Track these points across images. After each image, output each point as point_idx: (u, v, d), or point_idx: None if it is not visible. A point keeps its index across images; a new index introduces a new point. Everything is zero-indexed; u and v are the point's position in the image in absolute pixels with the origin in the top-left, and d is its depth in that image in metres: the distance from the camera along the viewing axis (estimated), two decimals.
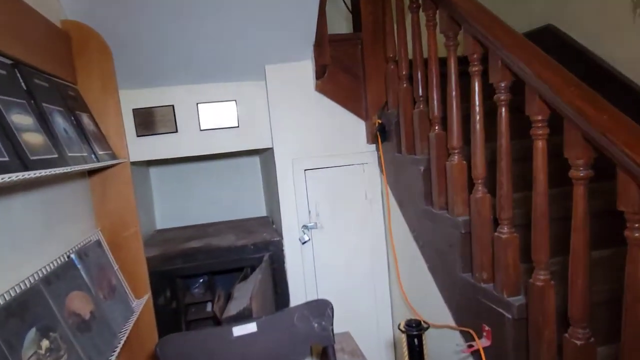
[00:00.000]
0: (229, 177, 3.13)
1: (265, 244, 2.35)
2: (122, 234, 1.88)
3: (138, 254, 1.91)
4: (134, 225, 1.89)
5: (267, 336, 1.64)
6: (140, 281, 1.93)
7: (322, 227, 2.40)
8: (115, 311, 1.61)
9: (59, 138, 1.32)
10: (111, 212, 1.86)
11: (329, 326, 1.67)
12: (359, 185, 2.42)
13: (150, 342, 1.97)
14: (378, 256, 2.46)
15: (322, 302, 1.68)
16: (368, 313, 2.49)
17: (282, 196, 2.36)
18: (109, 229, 1.86)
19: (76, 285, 1.39)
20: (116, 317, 1.59)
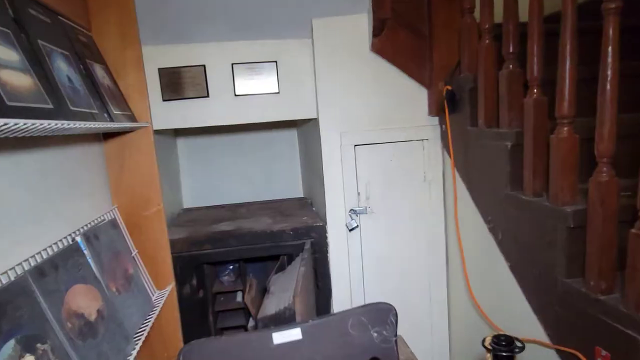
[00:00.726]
0: (263, 152, 2.81)
1: (307, 230, 2.03)
2: (142, 212, 1.58)
3: (161, 237, 1.61)
4: (156, 203, 1.59)
5: (314, 346, 1.33)
6: (163, 269, 1.64)
7: (373, 212, 2.06)
8: (132, 307, 1.32)
9: (58, 86, 1.01)
10: (130, 187, 1.57)
11: (392, 337, 1.34)
12: (417, 164, 2.06)
13: (173, 341, 1.69)
14: (435, 248, 2.11)
15: (383, 307, 1.36)
16: (421, 315, 2.15)
17: (328, 175, 2.02)
18: (127, 206, 1.57)
19: (80, 277, 1.09)
20: (132, 315, 1.30)
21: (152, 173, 1.57)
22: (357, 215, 2.04)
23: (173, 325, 1.67)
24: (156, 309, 1.46)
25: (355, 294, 2.09)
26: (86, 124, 1.02)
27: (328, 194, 2.04)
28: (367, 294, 2.10)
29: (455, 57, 1.88)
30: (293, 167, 2.87)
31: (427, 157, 2.05)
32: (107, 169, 1.54)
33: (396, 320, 1.36)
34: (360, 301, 2.10)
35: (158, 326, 1.65)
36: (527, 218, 1.44)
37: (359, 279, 2.08)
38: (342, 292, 2.09)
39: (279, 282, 1.81)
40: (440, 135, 2.04)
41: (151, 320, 1.36)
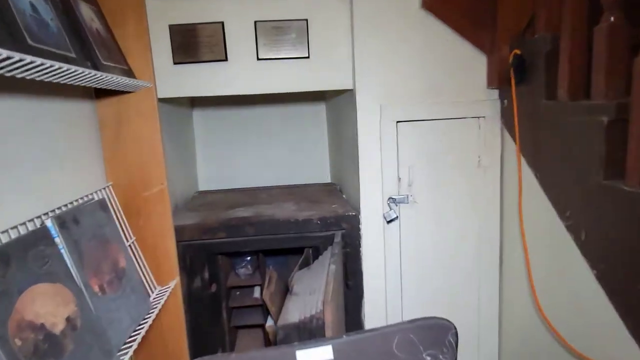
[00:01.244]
0: (286, 129, 2.52)
1: (337, 220, 1.73)
2: (142, 192, 1.31)
3: (164, 222, 1.35)
4: (159, 182, 1.32)
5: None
6: (167, 261, 1.38)
7: (415, 201, 1.74)
8: (121, 310, 1.05)
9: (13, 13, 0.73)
10: (128, 160, 1.30)
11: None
12: (470, 146, 1.73)
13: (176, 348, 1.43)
14: (487, 247, 1.79)
15: (440, 324, 1.06)
16: (466, 325, 1.84)
17: (363, 157, 1.71)
18: (124, 184, 1.30)
19: (45, 274, 0.82)
20: (120, 320, 1.03)
21: (155, 144, 1.30)
22: (396, 205, 1.73)
23: (177, 328, 1.41)
24: (154, 310, 1.19)
25: (391, 296, 1.79)
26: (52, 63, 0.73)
27: (363, 179, 1.73)
28: (404, 296, 1.80)
29: (526, 16, 1.54)
30: (320, 148, 2.57)
31: (483, 138, 1.72)
32: (101, 137, 1.27)
33: (456, 341, 1.05)
34: (397, 305, 1.80)
35: (159, 329, 1.39)
36: (629, 216, 1.11)
37: (396, 278, 1.78)
38: (375, 294, 1.79)
39: (303, 280, 1.52)
40: (500, 111, 1.70)
41: (145, 327, 1.09)
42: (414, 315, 1.83)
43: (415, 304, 1.81)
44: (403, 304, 1.80)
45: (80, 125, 1.17)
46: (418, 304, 1.81)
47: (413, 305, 1.81)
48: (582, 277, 1.29)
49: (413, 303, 1.81)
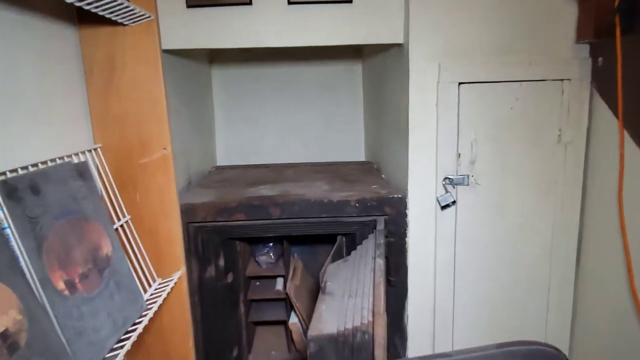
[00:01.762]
0: (316, 97, 2.21)
1: (379, 203, 1.42)
2: (138, 159, 1.03)
3: (167, 198, 1.06)
4: (162, 146, 1.03)
5: None
6: (170, 246, 1.09)
7: (477, 183, 1.42)
8: (100, 314, 0.77)
9: None
10: (121, 116, 1.01)
11: None
12: (550, 116, 1.39)
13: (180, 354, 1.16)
14: (562, 242, 1.46)
15: (544, 354, 0.75)
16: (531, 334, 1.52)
17: (415, 127, 1.39)
18: (116, 148, 1.01)
19: None
20: (97, 329, 0.75)
21: (157, 96, 1.00)
22: (453, 187, 1.41)
23: (182, 330, 1.14)
24: (149, 311, 0.91)
25: (441, 297, 1.48)
26: None
27: (413, 155, 1.41)
28: (457, 297, 1.49)
29: None
30: (354, 119, 2.25)
31: (567, 106, 1.37)
32: (86, 83, 0.99)
33: None
34: (447, 307, 1.49)
35: (159, 331, 1.12)
36: None
37: (448, 275, 1.47)
38: (422, 293, 1.49)
39: (339, 276, 1.22)
40: (591, 72, 1.35)
41: (133, 336, 0.81)
42: (467, 321, 1.52)
43: (470, 307, 1.50)
44: (455, 305, 1.49)
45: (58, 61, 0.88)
46: (473, 307, 1.50)
47: (467, 309, 1.50)
48: None
49: (467, 306, 1.49)
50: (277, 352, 1.86)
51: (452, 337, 1.51)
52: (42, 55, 0.83)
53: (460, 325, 1.50)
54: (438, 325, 1.50)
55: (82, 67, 0.96)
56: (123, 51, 0.97)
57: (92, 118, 0.98)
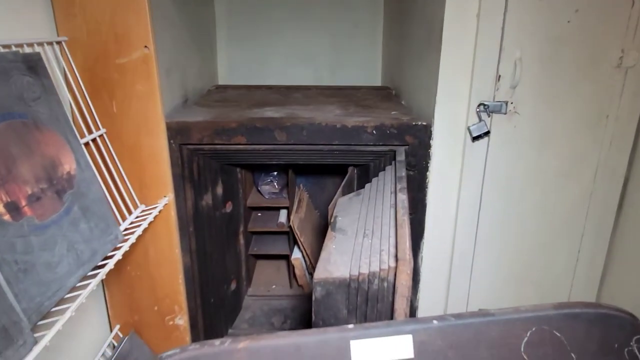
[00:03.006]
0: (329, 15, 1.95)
1: (400, 130, 1.24)
2: (113, 59, 0.83)
3: (150, 107, 0.87)
4: (142, 43, 0.83)
5: None
6: (155, 167, 0.92)
7: (517, 112, 1.22)
8: (56, 246, 0.61)
9: None
10: (93, 5, 0.80)
11: None
12: (612, 34, 1.16)
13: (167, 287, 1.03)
14: (604, 187, 1.28)
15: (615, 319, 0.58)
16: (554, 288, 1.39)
17: (448, 40, 1.17)
18: (88, 44, 0.81)
19: None
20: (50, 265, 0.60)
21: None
22: (488, 116, 1.21)
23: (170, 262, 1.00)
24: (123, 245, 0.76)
25: (461, 240, 1.33)
26: None
27: (444, 75, 1.20)
28: (479, 241, 1.34)
29: None
30: (372, 42, 2.00)
31: (636, 21, 1.14)
32: None
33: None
34: (468, 250, 1.35)
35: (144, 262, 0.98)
36: None
37: (472, 216, 1.31)
38: (440, 234, 1.35)
39: (350, 210, 1.06)
40: None
41: (101, 273, 0.67)
42: (487, 268, 1.37)
43: (492, 254, 1.35)
44: (476, 249, 1.35)
45: None
46: (495, 253, 1.36)
47: (489, 255, 1.36)
48: None
49: (489, 252, 1.35)
50: (277, 286, 1.76)
51: (470, 284, 1.38)
52: None
53: (478, 271, 1.37)
54: (455, 269, 1.37)
55: None
56: None
57: (53, 6, 0.78)
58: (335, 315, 0.80)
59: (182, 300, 1.06)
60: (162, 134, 0.91)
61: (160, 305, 1.02)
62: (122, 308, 1.02)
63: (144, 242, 0.95)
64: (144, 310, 1.01)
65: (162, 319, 1.04)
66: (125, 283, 0.99)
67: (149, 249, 0.96)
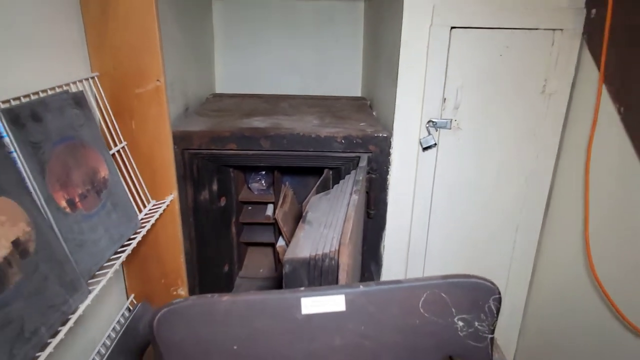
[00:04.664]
0: (317, 31, 2.20)
1: (364, 141, 1.50)
2: (134, 89, 1.09)
3: (160, 126, 1.14)
4: (155, 77, 1.09)
5: (363, 326, 0.87)
6: (163, 171, 1.19)
7: (459, 127, 1.48)
8: (98, 229, 0.88)
9: None
10: (117, 47, 1.05)
11: (488, 333, 0.86)
12: (537, 66, 1.42)
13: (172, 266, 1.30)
14: (535, 188, 1.54)
15: (481, 286, 0.86)
16: (496, 268, 1.66)
17: (405, 69, 1.43)
18: (113, 77, 1.07)
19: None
20: (96, 242, 0.86)
21: (149, 28, 1.04)
22: (436, 130, 1.47)
23: (173, 246, 1.27)
24: (142, 229, 1.02)
25: (416, 232, 1.60)
26: None
27: (401, 97, 1.46)
28: (431, 233, 1.61)
29: None
30: (353, 56, 2.25)
31: (556, 57, 1.39)
32: (82, 12, 1.02)
33: (498, 307, 0.86)
34: (421, 241, 1.61)
35: (155, 245, 1.25)
36: None
37: (424, 213, 1.58)
38: (398, 227, 1.61)
39: (319, 207, 1.33)
40: (583, 24, 1.36)
41: (127, 249, 0.93)
42: (437, 254, 1.65)
43: (442, 243, 1.62)
44: (429, 240, 1.62)
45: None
46: (445, 243, 1.62)
47: (439, 244, 1.62)
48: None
49: (439, 242, 1.62)
50: (265, 269, 2.03)
51: (423, 268, 1.65)
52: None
53: (431, 258, 1.64)
54: (411, 256, 1.63)
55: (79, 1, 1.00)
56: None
57: (88, 47, 1.03)
58: (300, 285, 1.07)
59: (183, 275, 1.32)
60: (169, 142, 1.16)
61: (166, 278, 1.28)
62: (136, 280, 1.28)
63: (154, 229, 1.20)
64: (153, 282, 1.27)
65: (167, 290, 1.30)
66: (140, 261, 1.25)
67: (159, 235, 1.22)
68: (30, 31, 0.85)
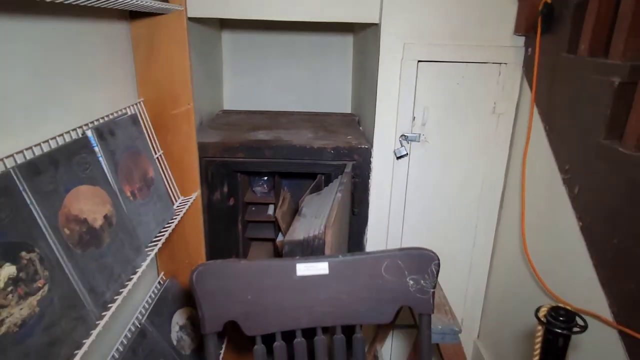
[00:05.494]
0: (313, 58, 2.54)
1: (350, 151, 1.83)
2: (170, 110, 1.42)
3: (189, 140, 1.47)
4: (186, 102, 1.42)
5: (340, 283, 1.19)
6: (190, 174, 1.52)
7: (426, 141, 1.82)
8: (149, 214, 1.21)
9: None
10: (158, 79, 1.39)
11: (430, 288, 1.18)
12: (488, 92, 1.76)
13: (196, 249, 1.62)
14: (491, 191, 1.88)
15: (425, 254, 1.19)
16: (461, 257, 1.99)
17: (382, 93, 1.77)
18: (154, 102, 1.41)
19: (87, 177, 0.96)
20: (148, 223, 1.19)
21: (184, 66, 1.38)
22: (408, 143, 1.81)
23: (196, 234, 1.59)
24: (176, 217, 1.35)
25: (393, 227, 1.93)
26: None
27: (379, 115, 1.80)
28: (406, 227, 1.93)
29: None
30: (344, 78, 2.59)
31: (502, 85, 1.74)
32: (134, 55, 1.36)
33: (437, 270, 1.19)
34: (397, 234, 1.94)
35: (182, 233, 1.57)
36: (619, 176, 1.17)
37: (400, 210, 1.91)
38: (378, 223, 1.94)
39: (312, 204, 1.66)
40: (523, 60, 1.70)
41: (168, 230, 1.26)
42: (412, 245, 1.99)
43: (415, 235, 1.95)
44: (403, 233, 1.95)
45: (116, 44, 1.26)
46: (417, 236, 1.95)
47: (413, 236, 1.95)
48: (568, 228, 1.38)
49: (413, 234, 1.95)
50: None
51: None
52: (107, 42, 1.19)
53: None
54: (389, 246, 1.96)
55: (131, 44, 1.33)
56: (160, 31, 1.32)
57: (137, 80, 1.36)
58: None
59: (203, 258, 1.64)
60: (195, 152, 1.49)
61: (190, 259, 1.60)
62: (166, 260, 1.60)
63: (182, 219, 1.53)
64: (179, 262, 1.59)
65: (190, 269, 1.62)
66: (170, 244, 1.57)
67: (185, 224, 1.54)
68: (103, 71, 1.19)
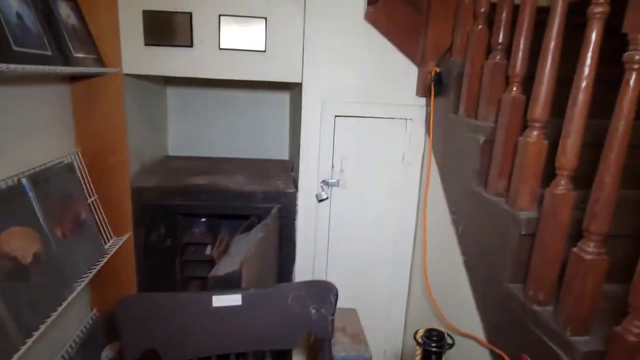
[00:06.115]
0: (253, 111, 2.75)
1: (277, 195, 2.02)
2: (107, 159, 1.58)
3: (123, 185, 1.62)
4: (121, 152, 1.59)
5: (253, 313, 1.35)
6: (122, 217, 1.66)
7: (345, 186, 2.04)
8: (78, 252, 1.34)
9: (2, 24, 0.98)
10: (96, 132, 1.55)
11: (329, 316, 1.36)
12: (397, 143, 2.02)
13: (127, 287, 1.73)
14: (404, 231, 2.10)
15: (325, 285, 1.37)
16: (381, 292, 2.18)
17: (305, 143, 1.99)
18: (92, 152, 1.56)
19: (19, 219, 1.10)
20: (77, 261, 1.32)
21: (119, 121, 1.55)
22: (328, 187, 2.03)
23: (128, 272, 1.71)
24: (106, 256, 1.48)
25: (319, 263, 2.11)
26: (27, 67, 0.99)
27: (302, 163, 2.01)
28: (330, 264, 2.12)
29: (448, 39, 1.80)
30: (282, 129, 2.82)
31: (409, 137, 2.01)
32: (74, 111, 1.52)
33: (336, 299, 1.37)
34: (323, 269, 2.12)
35: (115, 271, 1.69)
36: (485, 217, 1.42)
37: (324, 249, 2.10)
38: (305, 260, 2.11)
39: (240, 243, 1.82)
40: (425, 117, 1.98)
41: (97, 267, 1.39)
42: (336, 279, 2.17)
43: (339, 272, 2.13)
44: (328, 267, 2.13)
45: (56, 103, 1.42)
46: (341, 272, 2.14)
47: (336, 270, 2.13)
48: (456, 262, 1.61)
49: (337, 270, 2.13)
50: None
51: None
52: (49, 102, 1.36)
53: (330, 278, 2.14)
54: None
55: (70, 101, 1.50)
56: (97, 91, 1.50)
57: (76, 133, 1.52)
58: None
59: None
60: (127, 197, 1.64)
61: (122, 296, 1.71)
62: (99, 297, 1.69)
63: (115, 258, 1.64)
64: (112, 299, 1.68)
65: None
66: (103, 281, 1.67)
67: (118, 263, 1.66)
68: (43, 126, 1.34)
